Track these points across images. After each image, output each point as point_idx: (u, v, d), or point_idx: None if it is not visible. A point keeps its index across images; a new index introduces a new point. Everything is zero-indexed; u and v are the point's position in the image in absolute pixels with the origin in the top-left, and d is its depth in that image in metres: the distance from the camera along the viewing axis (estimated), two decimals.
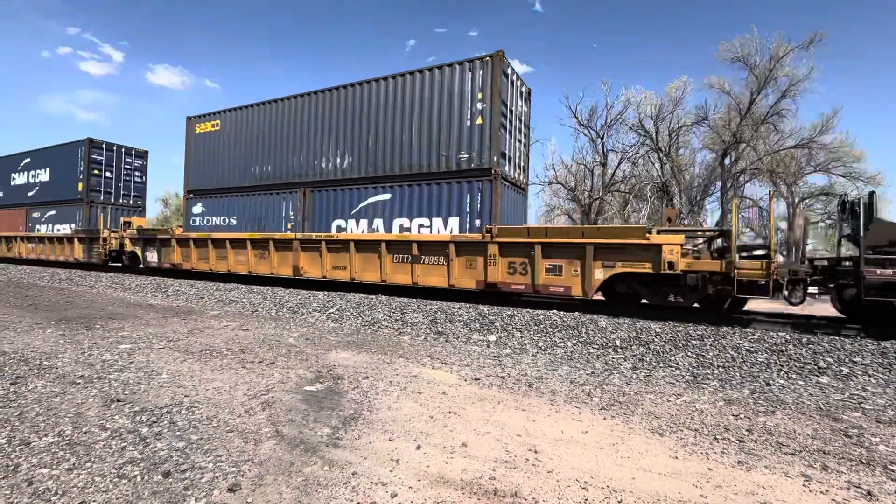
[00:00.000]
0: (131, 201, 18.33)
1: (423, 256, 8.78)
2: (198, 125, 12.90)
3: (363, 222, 9.67)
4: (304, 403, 3.48)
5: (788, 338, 5.69)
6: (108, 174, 17.39)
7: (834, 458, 2.78)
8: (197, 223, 12.78)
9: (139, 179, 18.65)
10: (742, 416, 3.52)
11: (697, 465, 2.64)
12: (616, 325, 6.50)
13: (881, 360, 4.91)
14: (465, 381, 4.28)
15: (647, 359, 5.28)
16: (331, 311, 8.05)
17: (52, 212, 17.78)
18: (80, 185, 16.76)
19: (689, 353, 5.35)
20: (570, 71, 60.04)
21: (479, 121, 8.36)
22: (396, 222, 9.23)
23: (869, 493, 2.36)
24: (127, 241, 14.46)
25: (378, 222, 9.45)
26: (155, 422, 3.02)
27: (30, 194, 18.80)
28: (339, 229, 9.98)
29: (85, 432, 2.82)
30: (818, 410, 3.71)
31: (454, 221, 8.65)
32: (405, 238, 8.93)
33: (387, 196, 9.41)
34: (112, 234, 15.02)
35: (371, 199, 9.60)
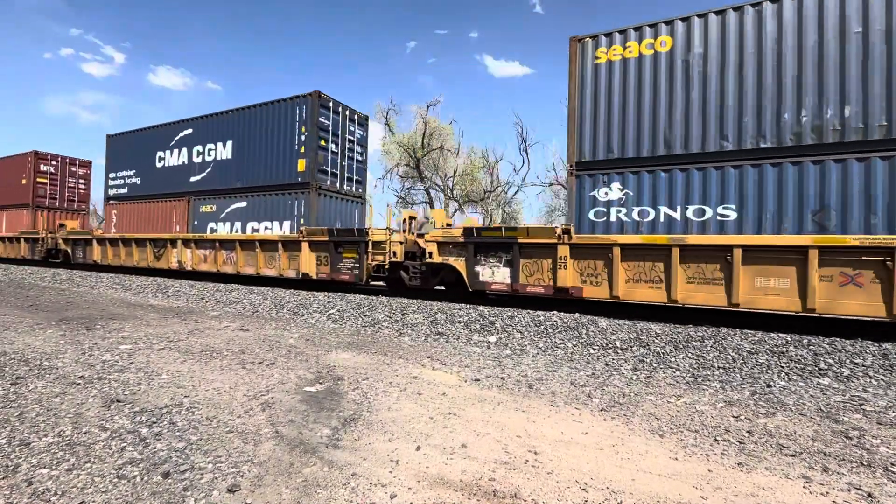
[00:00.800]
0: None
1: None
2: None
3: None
4: (303, 404, 3.48)
5: (789, 339, 5.68)
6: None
7: (835, 459, 2.77)
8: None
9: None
10: (742, 417, 3.52)
11: (698, 467, 2.64)
12: (616, 326, 6.50)
13: (882, 361, 4.90)
14: (466, 382, 4.28)
15: (648, 360, 5.27)
16: (331, 311, 8.06)
17: None
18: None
19: (690, 354, 5.35)
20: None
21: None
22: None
23: (870, 495, 2.35)
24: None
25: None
26: (155, 422, 3.02)
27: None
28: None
29: (85, 433, 2.82)
30: (819, 412, 3.70)
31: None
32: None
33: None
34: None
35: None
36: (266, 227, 11.48)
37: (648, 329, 6.31)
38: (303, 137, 10.96)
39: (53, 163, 19.44)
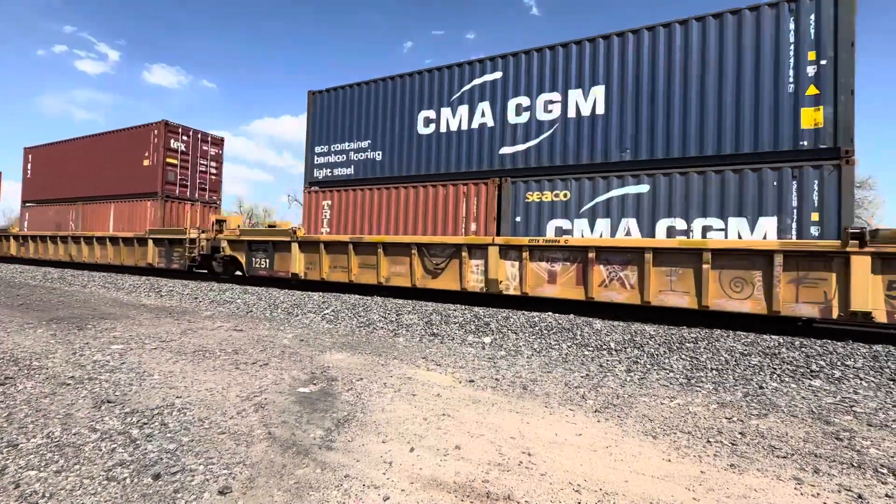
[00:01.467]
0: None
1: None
2: None
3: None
4: (297, 405, 3.46)
5: (782, 341, 5.72)
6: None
7: (826, 461, 2.80)
8: None
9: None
10: (735, 418, 3.54)
11: (690, 468, 2.65)
12: (611, 328, 6.52)
13: (872, 363, 4.94)
14: (460, 383, 4.27)
15: (642, 361, 5.29)
16: (326, 312, 8.02)
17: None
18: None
19: (683, 356, 5.37)
20: None
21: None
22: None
23: (860, 496, 2.37)
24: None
25: None
26: (146, 423, 2.99)
27: None
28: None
29: (74, 434, 2.79)
30: (810, 413, 3.73)
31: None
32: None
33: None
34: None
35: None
36: None
37: (642, 330, 6.34)
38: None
39: (185, 138, 14.77)
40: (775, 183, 6.25)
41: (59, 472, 2.32)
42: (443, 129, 9.08)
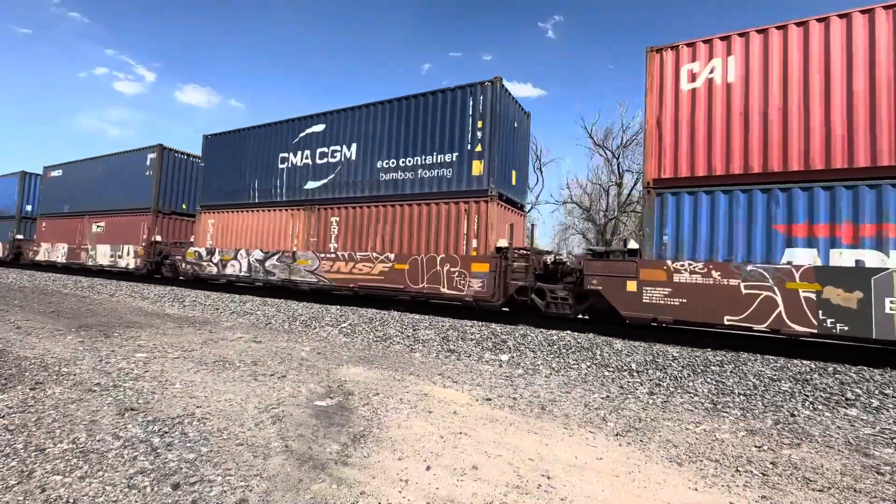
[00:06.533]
0: None
1: None
2: None
3: None
4: (314, 418, 3.46)
5: (813, 366, 5.47)
6: None
7: (866, 496, 2.63)
8: None
9: None
10: (765, 447, 3.38)
11: (718, 498, 2.53)
12: (632, 348, 6.36)
13: None
14: (477, 401, 4.21)
15: (665, 384, 5.13)
16: (343, 325, 8.07)
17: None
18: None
19: (709, 380, 5.19)
20: (584, 93, 60.48)
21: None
22: None
23: None
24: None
25: None
26: (167, 432, 3.03)
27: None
28: None
29: (98, 440, 2.84)
30: (847, 444, 3.53)
31: None
32: None
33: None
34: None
35: None
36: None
37: (665, 352, 6.16)
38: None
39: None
40: None
41: (83, 478, 2.37)
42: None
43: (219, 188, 13.34)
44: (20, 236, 21.06)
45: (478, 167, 8.80)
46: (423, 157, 9.49)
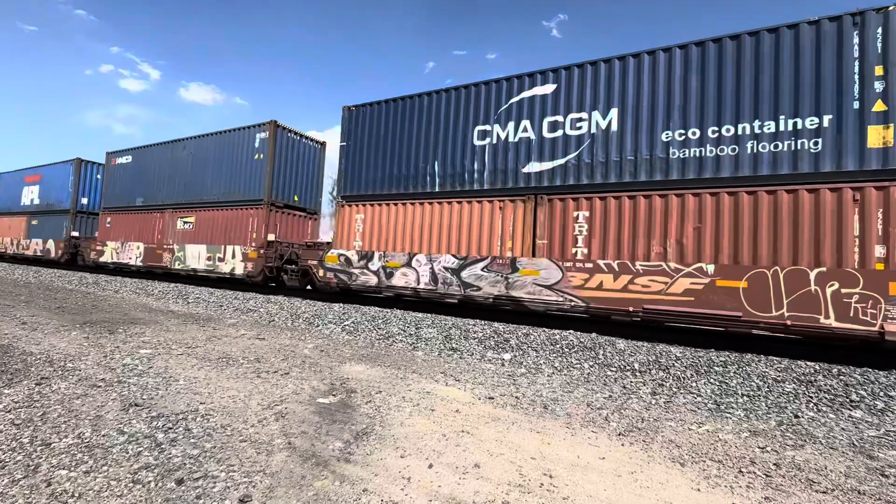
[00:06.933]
0: None
1: None
2: None
3: None
4: (316, 416, 3.48)
5: (817, 367, 5.45)
6: None
7: (870, 498, 2.62)
8: None
9: None
10: (769, 448, 3.36)
11: (721, 499, 2.52)
12: (635, 348, 6.34)
13: None
14: (479, 399, 4.21)
15: (668, 384, 5.11)
16: (346, 323, 8.09)
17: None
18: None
19: (712, 380, 5.17)
20: None
21: None
22: None
23: None
24: None
25: None
26: (171, 428, 3.05)
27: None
28: None
29: (103, 435, 2.86)
30: (851, 447, 3.51)
31: None
32: None
33: None
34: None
35: None
36: None
37: (668, 352, 6.14)
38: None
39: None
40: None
41: (88, 473, 2.38)
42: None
43: (371, 174, 10.02)
44: (76, 233, 17.90)
45: (877, 135, 5.74)
46: (760, 124, 6.41)
